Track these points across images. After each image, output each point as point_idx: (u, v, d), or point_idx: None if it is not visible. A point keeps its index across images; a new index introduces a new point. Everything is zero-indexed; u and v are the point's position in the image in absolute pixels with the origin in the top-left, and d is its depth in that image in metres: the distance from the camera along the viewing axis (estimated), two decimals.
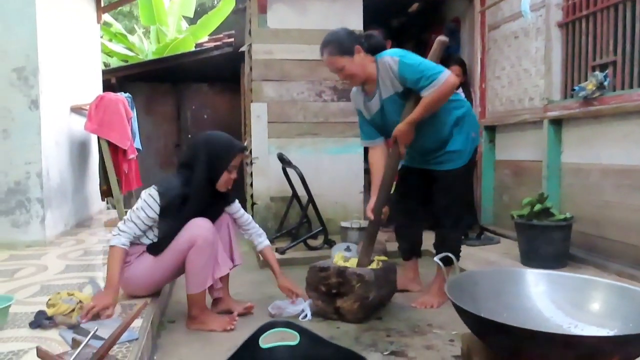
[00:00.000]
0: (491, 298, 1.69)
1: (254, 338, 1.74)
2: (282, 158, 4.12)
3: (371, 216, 2.68)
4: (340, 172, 4.67)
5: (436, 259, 1.80)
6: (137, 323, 2.16)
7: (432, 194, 2.83)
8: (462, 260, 2.89)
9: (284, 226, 4.43)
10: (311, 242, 4.13)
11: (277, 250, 3.99)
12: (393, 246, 3.79)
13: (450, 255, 1.85)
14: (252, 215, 4.57)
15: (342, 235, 4.18)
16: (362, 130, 2.93)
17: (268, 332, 1.76)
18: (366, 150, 4.79)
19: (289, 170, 4.18)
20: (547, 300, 1.68)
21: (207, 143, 2.50)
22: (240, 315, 2.68)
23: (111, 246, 2.36)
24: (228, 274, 2.68)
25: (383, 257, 2.84)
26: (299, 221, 4.19)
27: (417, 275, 3.11)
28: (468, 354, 1.57)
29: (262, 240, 2.83)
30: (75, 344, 1.82)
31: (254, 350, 1.72)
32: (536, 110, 3.89)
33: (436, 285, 2.88)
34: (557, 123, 3.70)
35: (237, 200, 2.74)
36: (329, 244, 4.10)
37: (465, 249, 3.04)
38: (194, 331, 2.46)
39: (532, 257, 3.35)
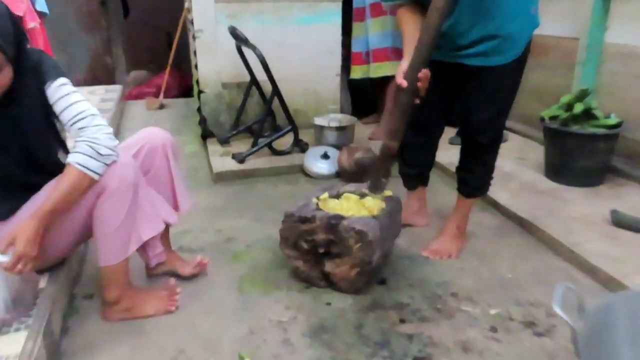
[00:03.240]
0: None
1: None
2: (235, 34, 3.05)
3: (402, 82, 1.75)
4: (311, 48, 3.64)
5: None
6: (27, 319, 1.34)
7: (462, 102, 1.97)
8: None
9: (242, 121, 3.50)
10: (277, 144, 3.25)
11: (233, 157, 3.12)
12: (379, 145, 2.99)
13: None
14: (200, 107, 3.60)
15: (317, 135, 3.32)
16: None
17: None
18: (345, 19, 3.77)
19: (246, 50, 3.14)
20: None
21: None
22: (188, 277, 1.91)
23: None
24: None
25: (387, 192, 2.04)
26: (261, 117, 3.27)
27: (423, 206, 2.36)
28: None
29: (74, 153, 1.44)
30: None
31: None
32: None
33: (453, 223, 2.15)
34: None
35: (58, 81, 1.49)
36: (300, 147, 3.25)
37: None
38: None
39: (562, 172, 2.64)
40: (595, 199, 2.46)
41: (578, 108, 2.53)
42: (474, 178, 2.08)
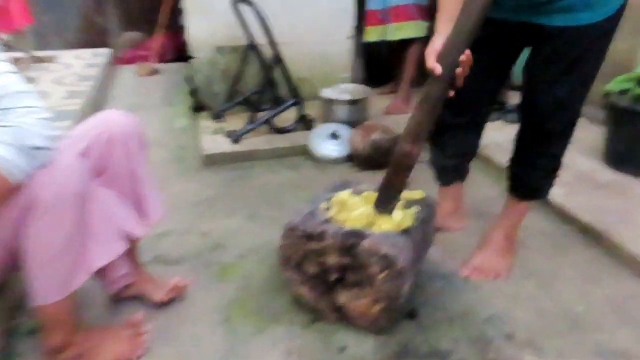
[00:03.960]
0: None
1: None
2: None
3: (436, 68, 1.23)
4: (318, 5, 3.09)
5: None
6: None
7: (528, 75, 1.48)
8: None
9: (238, 91, 3.01)
10: (278, 119, 2.75)
11: (228, 135, 2.65)
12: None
13: None
14: (193, 76, 3.11)
15: (325, 109, 2.82)
16: None
17: None
18: None
19: (243, 7, 2.63)
20: None
21: None
22: (163, 304, 1.48)
23: None
24: None
25: (417, 193, 1.57)
26: (260, 87, 2.77)
27: (459, 206, 1.88)
28: None
29: None
30: None
31: None
32: None
33: (500, 233, 1.68)
34: None
35: None
36: (305, 123, 2.76)
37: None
38: None
39: (630, 159, 2.17)
40: None
41: None
42: (534, 175, 1.59)
